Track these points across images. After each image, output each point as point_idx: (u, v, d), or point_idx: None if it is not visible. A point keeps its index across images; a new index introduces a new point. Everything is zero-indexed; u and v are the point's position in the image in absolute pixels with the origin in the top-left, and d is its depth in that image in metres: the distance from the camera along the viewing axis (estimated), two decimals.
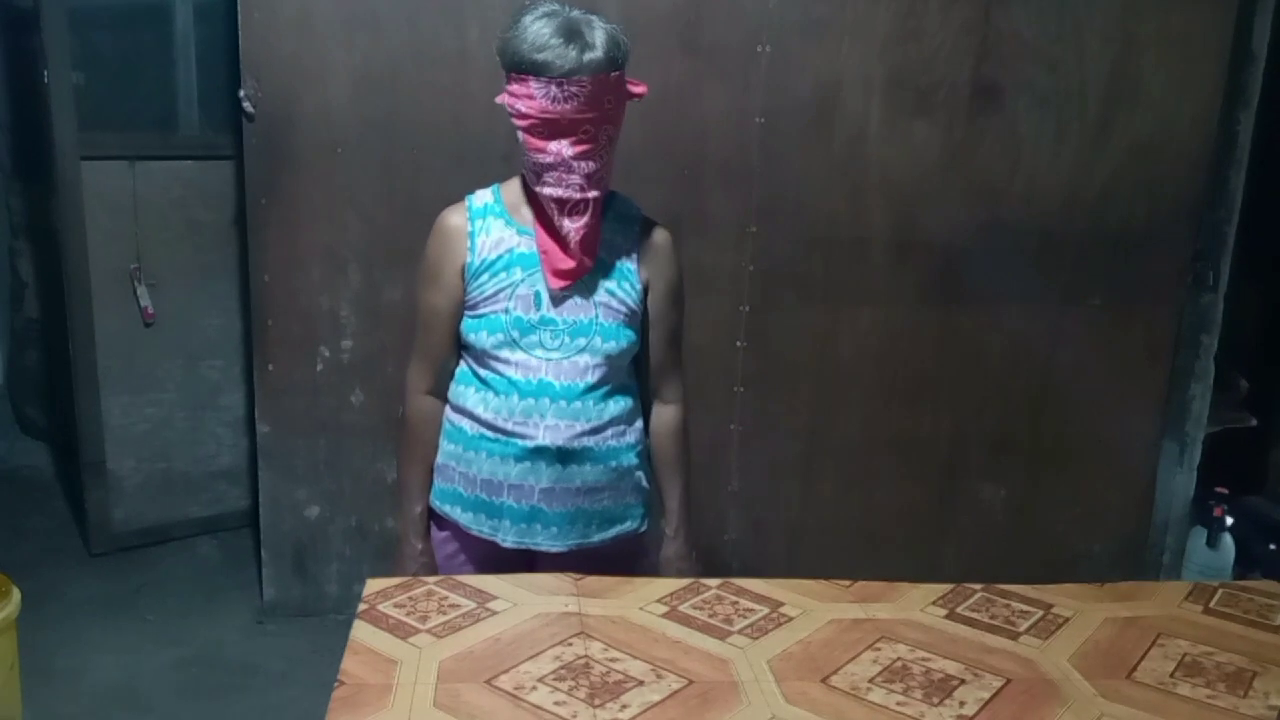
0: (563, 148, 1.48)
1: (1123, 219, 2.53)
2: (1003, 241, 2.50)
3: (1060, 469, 2.65)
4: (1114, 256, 2.54)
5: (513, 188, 1.62)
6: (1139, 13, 2.42)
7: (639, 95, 1.54)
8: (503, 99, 1.52)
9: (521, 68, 1.47)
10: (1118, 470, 2.67)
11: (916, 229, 2.48)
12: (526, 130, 1.49)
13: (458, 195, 1.71)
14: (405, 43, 2.28)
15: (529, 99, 1.47)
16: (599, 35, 1.48)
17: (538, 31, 1.46)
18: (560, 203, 1.52)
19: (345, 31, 2.27)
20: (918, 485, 2.60)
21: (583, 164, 1.49)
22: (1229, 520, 2.80)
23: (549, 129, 1.48)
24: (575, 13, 1.50)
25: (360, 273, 2.38)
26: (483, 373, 1.59)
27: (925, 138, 2.43)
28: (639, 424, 1.66)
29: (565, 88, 1.45)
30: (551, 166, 1.50)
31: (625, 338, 1.59)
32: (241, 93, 2.26)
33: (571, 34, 1.46)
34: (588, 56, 1.45)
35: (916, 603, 1.38)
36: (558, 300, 1.56)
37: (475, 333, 1.58)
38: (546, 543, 1.58)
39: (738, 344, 2.47)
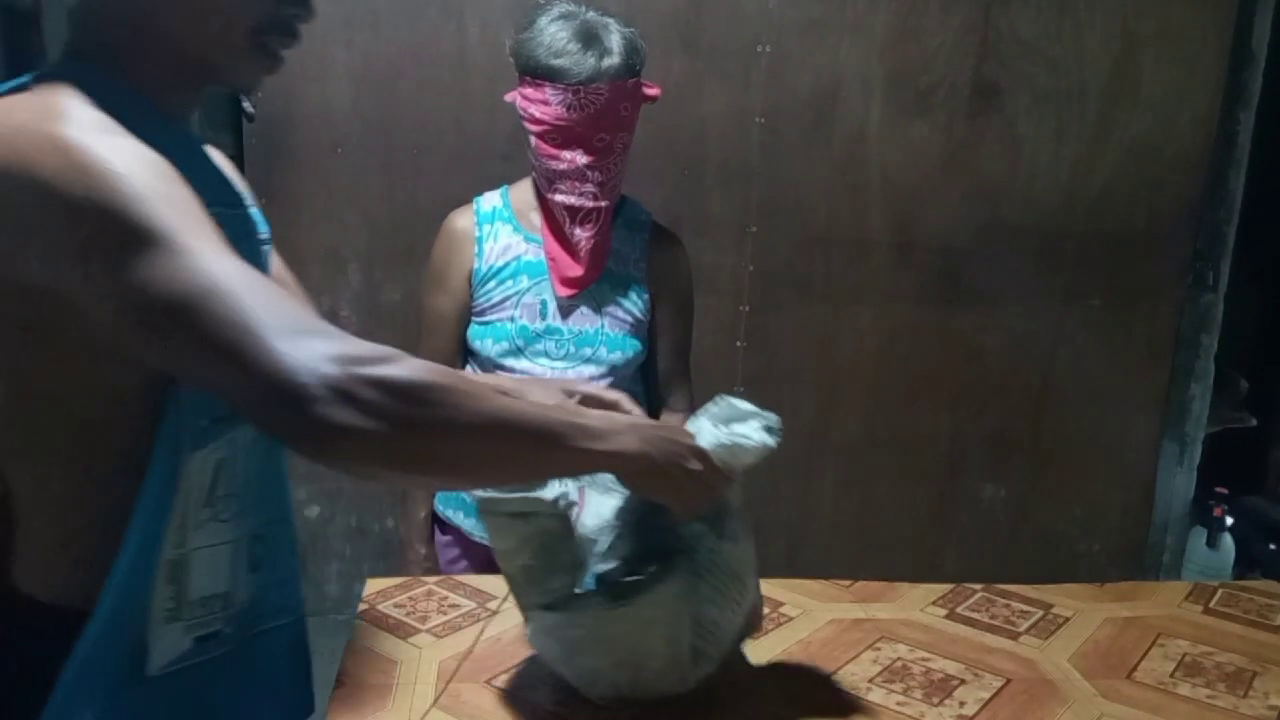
0: (577, 156, 1.45)
1: (1122, 219, 2.53)
2: (1003, 241, 2.50)
3: (1060, 469, 2.65)
4: (1114, 256, 2.55)
5: (521, 191, 1.60)
6: (1139, 12, 2.42)
7: (653, 98, 1.50)
8: (513, 98, 1.49)
9: (537, 72, 1.43)
10: (1118, 470, 2.67)
11: (916, 229, 2.48)
12: (540, 136, 1.46)
13: (458, 195, 1.71)
14: (405, 43, 2.28)
15: (544, 104, 1.43)
16: (616, 40, 1.43)
17: (554, 35, 1.42)
18: (572, 211, 1.49)
19: (345, 31, 2.27)
20: (918, 485, 2.60)
21: (596, 173, 1.46)
22: (1229, 520, 2.80)
23: (563, 137, 1.44)
24: (591, 15, 1.46)
25: (360, 273, 2.38)
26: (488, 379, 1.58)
27: (925, 137, 2.43)
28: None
29: (582, 95, 1.41)
30: (565, 174, 1.46)
31: (631, 348, 1.58)
32: None
33: (590, 39, 1.42)
34: (606, 63, 1.41)
35: (916, 603, 1.38)
36: (564, 309, 1.54)
37: (481, 340, 1.56)
38: None
39: (738, 344, 2.47)
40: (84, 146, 0.73)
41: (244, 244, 0.89)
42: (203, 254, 0.73)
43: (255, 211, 1.02)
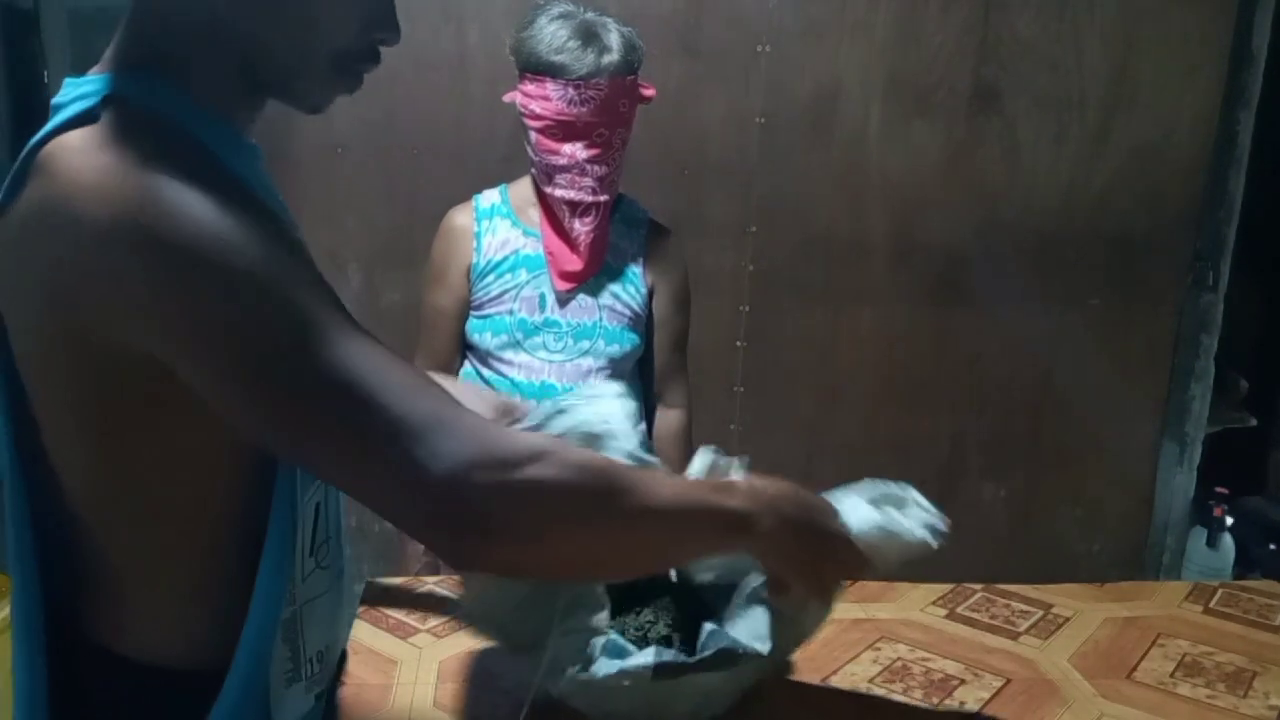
0: (577, 150, 1.48)
1: (1122, 220, 2.53)
2: (1002, 242, 2.50)
3: (1060, 469, 2.65)
4: (1114, 257, 2.55)
5: (520, 188, 1.62)
6: (1139, 13, 2.42)
7: (649, 98, 1.53)
8: (513, 97, 1.52)
9: (538, 69, 1.46)
10: (1118, 470, 2.67)
11: (916, 230, 2.48)
12: (540, 132, 1.48)
13: (458, 196, 1.71)
14: (405, 44, 2.25)
15: (544, 100, 1.46)
16: (615, 38, 1.47)
17: (554, 33, 1.45)
18: (572, 205, 1.51)
19: None
20: (918, 485, 2.59)
21: (596, 167, 1.49)
22: (1229, 520, 2.80)
23: (564, 131, 1.47)
24: (590, 14, 1.49)
25: (360, 274, 2.39)
26: (486, 373, 1.59)
27: (925, 139, 2.43)
28: (642, 427, 1.66)
29: (582, 90, 1.44)
30: (564, 169, 1.49)
31: (629, 341, 1.59)
32: None
33: (589, 36, 1.45)
34: (605, 59, 1.45)
35: (916, 603, 1.38)
36: (562, 302, 1.56)
37: (479, 333, 1.58)
38: None
39: (738, 344, 2.47)
40: (192, 215, 0.65)
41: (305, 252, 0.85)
42: (334, 339, 0.67)
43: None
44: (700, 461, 1.07)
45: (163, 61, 0.77)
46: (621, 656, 0.93)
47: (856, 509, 0.96)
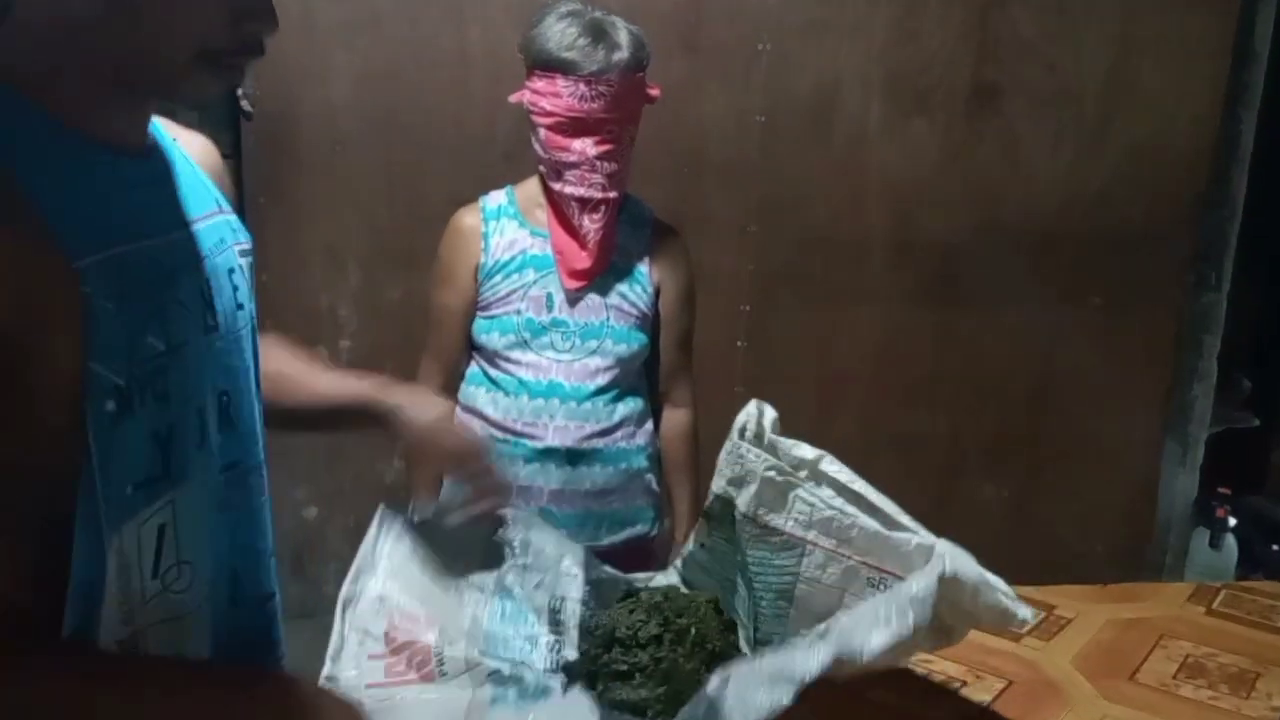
0: (587, 147, 1.49)
1: (1123, 219, 2.52)
2: (1002, 241, 2.50)
3: (1061, 469, 2.64)
4: (1115, 256, 2.54)
5: (527, 189, 1.63)
6: (1138, 13, 2.42)
7: (654, 99, 1.55)
8: (520, 97, 1.53)
9: (549, 65, 1.47)
10: (1119, 471, 2.67)
11: (916, 229, 2.47)
12: (550, 128, 1.50)
13: (459, 194, 1.71)
14: (406, 42, 2.27)
15: (555, 97, 1.47)
16: (624, 36, 1.49)
17: (564, 30, 1.47)
18: (582, 202, 1.52)
19: (346, 31, 2.26)
20: (918, 485, 2.59)
21: (605, 164, 1.50)
22: (1231, 521, 2.79)
23: (574, 127, 1.48)
24: (598, 13, 1.51)
25: (360, 272, 2.38)
26: (493, 373, 1.59)
27: (924, 138, 2.43)
28: (649, 426, 1.67)
29: (593, 87, 1.46)
30: (574, 165, 1.50)
31: (636, 340, 1.60)
32: (240, 92, 2.25)
33: (599, 34, 1.47)
34: (616, 56, 1.47)
35: None
36: (570, 302, 1.57)
37: (487, 334, 1.58)
38: None
39: (738, 344, 2.47)
40: None
41: (183, 271, 0.85)
42: None
43: (221, 221, 0.96)
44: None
45: (15, 68, 0.76)
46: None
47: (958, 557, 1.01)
